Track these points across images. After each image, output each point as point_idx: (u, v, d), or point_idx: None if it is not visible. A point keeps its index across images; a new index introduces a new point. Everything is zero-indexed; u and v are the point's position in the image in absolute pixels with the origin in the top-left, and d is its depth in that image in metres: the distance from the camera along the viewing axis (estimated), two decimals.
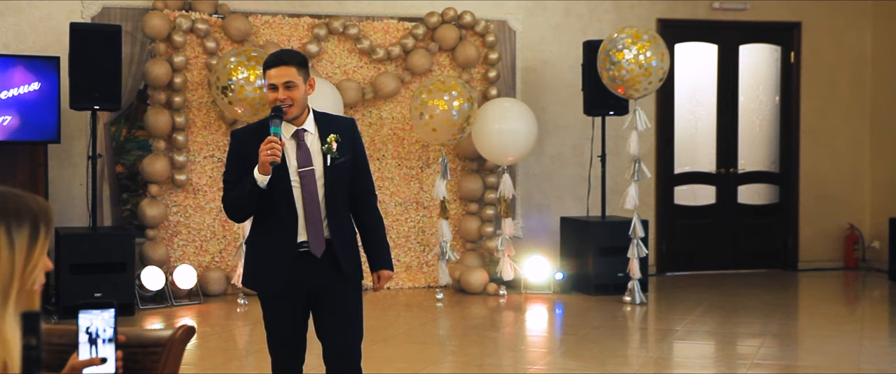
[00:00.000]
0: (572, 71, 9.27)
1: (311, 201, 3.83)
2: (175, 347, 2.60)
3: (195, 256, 8.60)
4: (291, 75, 3.80)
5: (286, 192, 3.82)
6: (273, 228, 3.85)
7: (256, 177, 3.75)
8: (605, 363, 6.31)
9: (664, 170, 10.06)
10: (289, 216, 3.83)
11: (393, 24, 9.02)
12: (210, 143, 8.64)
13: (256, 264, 3.97)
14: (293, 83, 3.80)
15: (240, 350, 7.03)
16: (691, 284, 9.48)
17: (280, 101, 3.79)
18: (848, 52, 10.37)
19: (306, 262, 3.86)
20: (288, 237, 3.83)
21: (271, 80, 3.81)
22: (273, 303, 3.97)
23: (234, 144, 3.95)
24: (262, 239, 3.91)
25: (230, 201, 3.89)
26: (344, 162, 3.89)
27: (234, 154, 3.92)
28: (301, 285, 3.88)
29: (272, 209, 3.83)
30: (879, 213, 10.13)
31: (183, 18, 8.45)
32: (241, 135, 3.96)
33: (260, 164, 3.72)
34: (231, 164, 3.92)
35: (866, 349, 6.68)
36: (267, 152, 3.68)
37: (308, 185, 3.83)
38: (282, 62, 3.82)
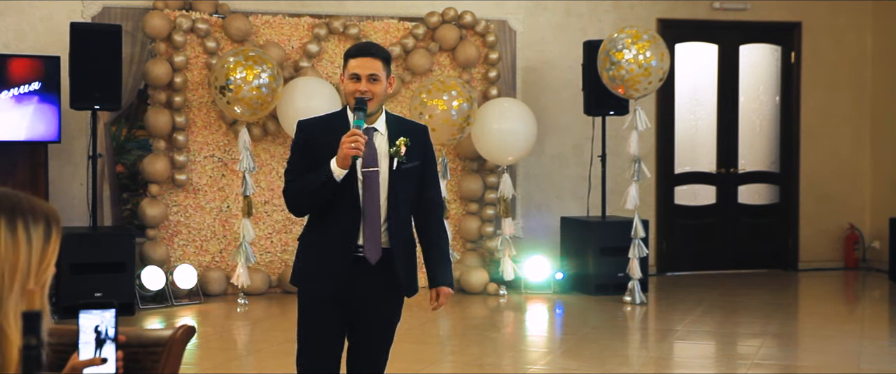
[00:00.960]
0: (572, 71, 9.27)
1: (372, 204, 3.64)
2: (175, 347, 2.60)
3: (195, 255, 8.60)
4: (376, 68, 3.63)
5: (352, 190, 3.64)
6: (333, 227, 3.67)
7: (333, 169, 3.56)
8: (606, 363, 6.31)
9: (664, 170, 10.05)
10: (350, 217, 3.64)
11: (393, 24, 9.02)
12: (210, 142, 8.64)
13: (310, 264, 3.76)
14: (377, 77, 3.63)
15: (240, 350, 7.03)
16: (691, 284, 9.48)
17: (361, 92, 3.61)
18: (848, 52, 10.37)
19: (361, 268, 3.66)
20: (346, 239, 3.65)
21: (355, 69, 3.62)
22: (319, 307, 3.74)
23: (302, 133, 3.74)
24: (320, 238, 3.71)
25: (295, 192, 3.70)
26: (411, 168, 3.70)
27: (301, 144, 3.71)
28: (352, 291, 3.69)
29: (335, 207, 3.65)
30: (879, 213, 10.13)
31: (183, 18, 8.45)
32: (310, 125, 3.78)
33: (341, 156, 3.52)
34: (297, 154, 3.71)
35: (866, 349, 6.68)
36: (350, 144, 3.49)
37: (370, 186, 3.64)
38: (369, 53, 3.66)
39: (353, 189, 3.63)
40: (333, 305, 3.70)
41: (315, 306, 3.75)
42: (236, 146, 8.51)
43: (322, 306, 3.72)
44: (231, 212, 8.66)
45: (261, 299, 8.49)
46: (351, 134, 3.51)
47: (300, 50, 8.79)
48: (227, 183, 8.67)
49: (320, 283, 3.71)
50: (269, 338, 7.18)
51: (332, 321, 3.73)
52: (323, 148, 3.60)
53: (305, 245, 3.79)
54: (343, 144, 3.51)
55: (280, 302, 8.43)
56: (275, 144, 8.77)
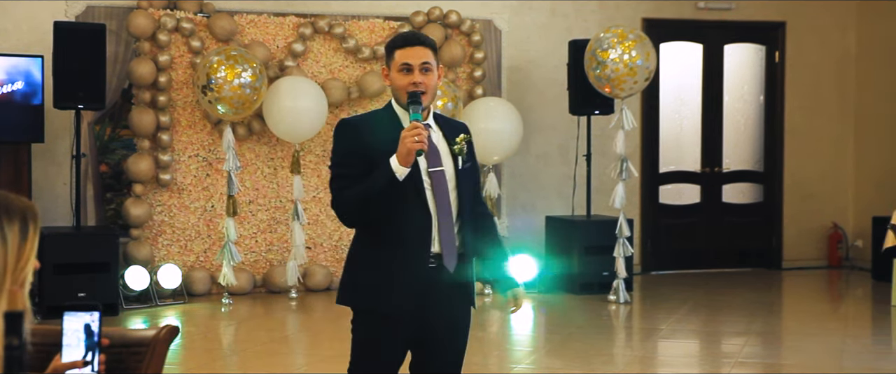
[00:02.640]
0: (558, 70, 9.28)
1: (444, 207, 3.33)
2: (159, 347, 2.59)
3: (180, 255, 8.57)
4: (428, 57, 3.36)
5: (419, 194, 3.31)
6: (399, 236, 3.31)
7: (395, 168, 3.23)
8: (590, 362, 6.32)
9: (649, 169, 10.08)
10: (420, 223, 3.31)
11: (378, 24, 9.01)
12: (195, 142, 8.62)
13: (374, 279, 3.35)
14: (430, 67, 3.36)
15: (224, 350, 7.02)
16: (676, 283, 9.51)
17: (415, 85, 3.32)
18: (832, 52, 10.41)
19: (435, 278, 3.34)
20: (418, 248, 3.31)
21: (406, 60, 3.33)
22: (386, 327, 3.35)
23: (348, 134, 3.38)
24: (385, 250, 3.33)
25: (354, 199, 3.30)
26: (471, 167, 3.47)
27: (348, 146, 3.36)
28: (427, 305, 3.35)
29: (397, 214, 3.31)
30: (863, 212, 10.18)
31: (168, 17, 8.42)
32: (356, 124, 3.43)
33: (403, 152, 3.20)
34: (345, 157, 3.35)
35: (849, 348, 6.72)
36: (414, 138, 3.18)
37: (440, 187, 3.34)
38: (419, 42, 3.37)
39: (420, 192, 3.31)
40: (402, 323, 3.35)
41: (381, 325, 3.36)
42: (221, 146, 8.49)
43: (390, 325, 3.35)
44: (215, 211, 8.64)
45: (245, 298, 8.48)
46: (413, 127, 3.21)
47: (285, 49, 8.78)
48: (211, 183, 8.65)
49: (390, 299, 3.32)
50: (253, 338, 7.17)
51: (398, 341, 3.38)
52: (373, 149, 3.29)
53: (364, 259, 3.40)
54: (405, 138, 3.20)
55: (264, 302, 8.42)
56: (260, 144, 8.75)
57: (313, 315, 8.05)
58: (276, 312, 8.12)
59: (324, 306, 8.34)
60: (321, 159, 8.89)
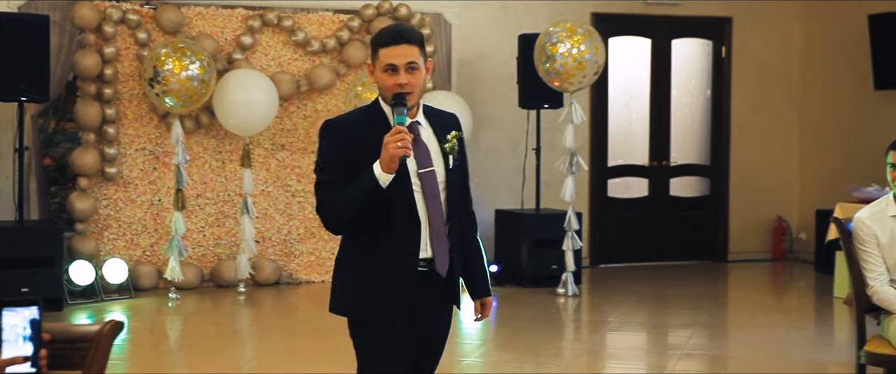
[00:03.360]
0: (508, 64, 9.30)
1: (434, 210, 3.21)
2: (103, 342, 2.56)
3: (126, 250, 8.48)
4: (414, 55, 3.18)
5: (407, 197, 3.18)
6: (388, 241, 3.19)
7: (378, 174, 3.08)
8: (539, 355, 6.36)
9: (598, 163, 10.14)
10: (410, 227, 3.19)
11: (328, 17, 8.97)
12: (142, 135, 8.52)
13: (365, 287, 3.24)
14: (416, 65, 3.18)
15: (171, 345, 6.96)
16: (624, 275, 9.59)
17: (400, 86, 3.16)
18: (777, 47, 10.55)
19: (426, 283, 3.24)
20: (408, 253, 3.19)
21: (391, 60, 3.16)
22: (384, 332, 3.23)
23: (333, 136, 3.22)
24: (374, 256, 3.22)
25: (338, 205, 3.16)
26: (461, 164, 3.33)
27: (333, 149, 3.21)
28: (419, 311, 3.27)
29: (385, 218, 3.18)
30: (806, 205, 10.33)
31: (113, 9, 8.31)
32: (342, 124, 3.26)
33: (386, 158, 3.06)
34: (330, 160, 3.20)
35: (792, 339, 6.83)
36: (397, 144, 3.03)
37: (430, 189, 3.21)
38: (404, 39, 3.18)
39: (409, 195, 3.18)
40: (401, 328, 3.24)
41: (382, 334, 3.24)
42: (168, 139, 8.41)
43: (390, 332, 3.24)
44: (162, 205, 8.56)
45: (193, 293, 8.41)
46: (395, 132, 3.05)
47: (234, 42, 8.70)
48: (158, 176, 8.56)
49: (384, 306, 3.22)
50: (201, 333, 7.11)
51: (403, 347, 3.26)
52: (360, 151, 3.15)
53: (352, 267, 3.28)
54: (387, 144, 3.05)
55: (212, 296, 8.36)
56: (208, 137, 8.68)
57: (262, 310, 8.01)
58: (225, 306, 8.06)
59: (272, 300, 8.30)
60: (270, 153, 8.84)
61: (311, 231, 8.94)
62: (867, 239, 4.58)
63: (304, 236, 8.94)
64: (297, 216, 8.92)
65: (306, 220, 8.91)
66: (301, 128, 8.89)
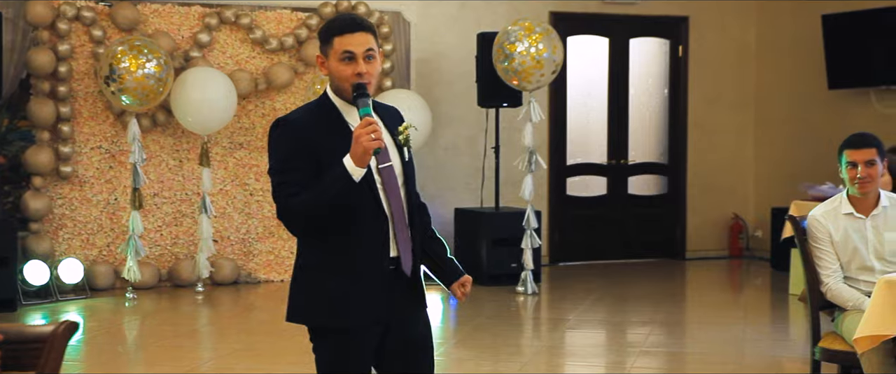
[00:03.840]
0: (467, 63, 9.31)
1: (397, 206, 3.10)
2: (57, 342, 2.54)
3: (82, 249, 8.39)
4: (371, 44, 3.07)
5: (371, 193, 3.06)
6: (353, 241, 3.06)
7: (351, 169, 2.95)
8: (498, 353, 6.37)
9: (557, 161, 10.18)
10: (375, 225, 3.07)
11: (286, 14, 8.93)
12: (97, 133, 8.44)
13: (329, 291, 3.07)
14: (373, 54, 3.08)
15: (128, 346, 6.89)
16: (583, 273, 9.64)
17: (360, 75, 3.04)
18: (733, 46, 10.66)
19: (395, 283, 3.13)
20: (376, 252, 3.08)
21: (349, 47, 3.03)
22: (353, 339, 3.09)
23: (289, 134, 3.06)
24: (338, 258, 3.06)
25: (307, 205, 3.00)
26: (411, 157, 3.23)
27: (291, 148, 3.04)
28: (388, 314, 3.13)
29: (351, 217, 3.05)
30: (762, 203, 10.45)
31: (68, 6, 8.22)
32: (297, 121, 3.09)
33: (360, 152, 2.93)
34: (289, 160, 3.04)
35: (749, 336, 6.90)
36: (370, 136, 2.91)
37: (391, 185, 3.10)
38: (361, 27, 3.07)
39: (373, 191, 3.06)
40: (362, 335, 3.10)
41: (339, 341, 3.10)
42: (124, 137, 8.33)
43: (348, 338, 3.09)
44: (119, 204, 8.47)
45: (150, 293, 8.34)
46: (366, 123, 2.94)
47: (191, 40, 8.64)
48: (114, 175, 8.48)
49: (354, 310, 3.07)
50: (158, 333, 7.05)
51: (360, 355, 3.12)
52: (318, 149, 3.03)
53: (316, 270, 3.10)
54: (360, 137, 2.92)
55: (170, 296, 8.29)
56: (165, 136, 8.61)
57: (220, 309, 7.96)
58: (182, 306, 8.00)
59: (231, 299, 8.25)
60: (228, 151, 8.78)
61: (269, 230, 8.89)
62: (821, 237, 4.63)
63: (262, 236, 8.89)
64: (255, 215, 8.87)
65: (265, 219, 8.87)
66: (259, 126, 8.85)
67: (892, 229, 4.61)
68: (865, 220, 4.62)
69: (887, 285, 4.03)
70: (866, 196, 4.61)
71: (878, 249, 4.61)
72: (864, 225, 4.62)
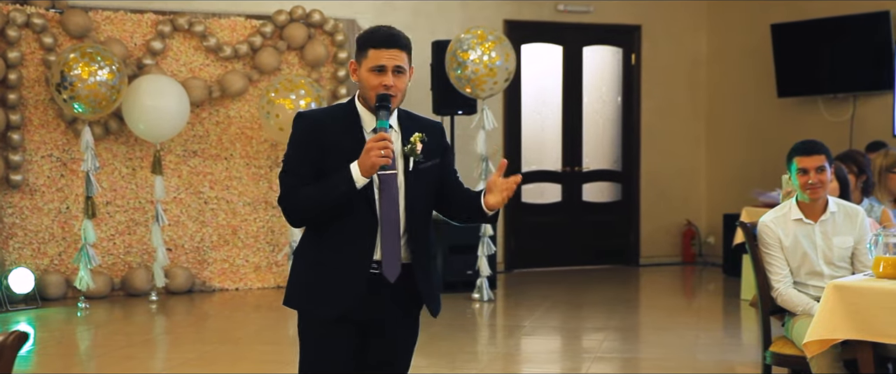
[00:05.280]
0: (421, 70, 9.31)
1: (390, 212, 3.19)
2: (6, 353, 2.50)
3: (33, 258, 8.28)
4: (404, 61, 3.20)
5: (367, 196, 3.16)
6: (343, 240, 3.19)
7: (356, 177, 3.08)
8: (454, 360, 6.38)
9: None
10: (365, 227, 3.17)
11: (240, 22, 8.88)
12: (48, 141, 8.34)
13: (315, 283, 3.23)
14: (403, 70, 3.20)
15: (81, 356, 6.81)
16: (538, 280, 9.68)
17: (387, 87, 3.14)
18: (685, 55, 10.77)
19: (377, 286, 3.21)
20: (360, 254, 3.18)
21: (381, 61, 3.16)
22: (326, 331, 3.23)
23: (308, 128, 3.20)
24: (328, 254, 3.21)
25: (305, 200, 3.15)
26: (430, 167, 3.26)
27: (307, 141, 3.19)
28: (366, 313, 3.24)
29: (342, 217, 3.17)
30: (715, 209, 10.57)
31: (17, 12, 8.12)
32: (316, 118, 3.24)
33: (368, 164, 3.05)
34: (300, 154, 3.18)
35: (701, 341, 6.96)
36: (380, 152, 3.03)
37: (388, 191, 3.18)
38: (396, 44, 3.20)
39: (368, 195, 3.16)
40: (343, 327, 3.23)
41: (322, 330, 3.24)
42: (76, 146, 8.24)
43: (330, 329, 3.23)
44: (71, 213, 8.38)
45: (103, 302, 8.25)
46: (380, 138, 3.05)
47: (143, 47, 8.57)
48: (66, 183, 8.38)
49: (328, 304, 3.20)
50: (111, 342, 6.97)
51: (341, 345, 3.24)
52: (331, 148, 3.16)
53: (308, 262, 3.28)
54: (370, 150, 3.05)
55: (123, 305, 8.21)
56: (117, 144, 8.53)
57: (174, 318, 7.89)
58: (136, 315, 7.92)
59: (184, 308, 8.18)
60: (181, 159, 8.72)
61: (224, 239, 8.83)
62: (771, 243, 4.70)
63: (217, 244, 8.83)
64: (210, 224, 8.81)
65: (219, 227, 8.81)
66: (213, 134, 8.79)
67: (840, 235, 4.69)
68: (814, 225, 4.69)
69: (836, 289, 4.10)
70: (816, 202, 4.68)
71: (827, 254, 4.68)
72: (813, 231, 4.69)
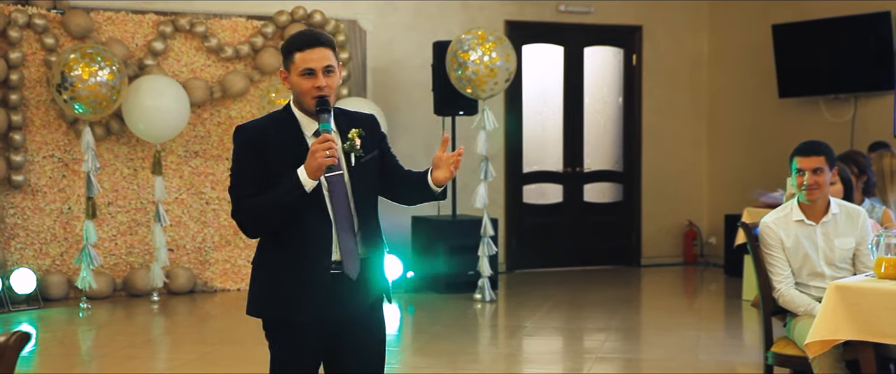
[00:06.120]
0: (423, 71, 9.33)
1: (342, 212, 3.25)
2: (8, 354, 2.50)
3: (35, 259, 8.28)
4: (330, 59, 3.24)
5: (318, 199, 3.21)
6: (299, 244, 3.23)
7: (304, 180, 3.14)
8: (456, 361, 6.38)
9: (513, 169, 10.23)
10: (319, 229, 3.22)
11: (241, 23, 8.89)
12: (50, 142, 8.34)
13: (276, 289, 3.27)
14: (332, 68, 3.24)
15: (82, 356, 6.81)
16: (540, 281, 9.68)
17: (319, 89, 3.20)
18: (686, 55, 10.77)
19: (339, 286, 3.26)
20: (319, 255, 3.22)
21: (308, 64, 3.20)
22: (294, 333, 3.27)
23: (248, 141, 3.25)
24: (285, 259, 3.24)
25: (258, 211, 3.21)
26: (370, 160, 3.34)
27: (248, 154, 3.24)
28: (330, 314, 3.26)
29: (296, 222, 3.22)
30: (716, 210, 10.56)
31: (18, 13, 8.12)
32: (255, 130, 3.29)
33: (314, 166, 3.11)
34: (246, 166, 3.24)
35: (703, 341, 6.96)
36: (325, 153, 3.09)
37: (338, 192, 3.25)
38: (320, 43, 3.23)
39: (319, 198, 3.22)
40: (309, 331, 3.27)
41: (288, 335, 3.28)
42: (77, 146, 8.25)
43: (295, 333, 3.27)
44: (73, 214, 8.38)
45: (105, 302, 8.25)
46: (323, 140, 3.12)
47: (145, 47, 8.57)
48: (67, 184, 8.39)
49: (291, 308, 3.24)
50: (113, 343, 6.98)
51: (307, 350, 3.29)
52: (274, 156, 3.20)
53: (266, 269, 3.31)
54: (316, 152, 3.11)
55: (125, 306, 8.21)
56: (119, 144, 8.53)
57: (175, 319, 7.89)
58: (138, 316, 7.93)
59: (186, 309, 8.18)
60: (183, 160, 8.72)
61: (225, 239, 8.84)
62: (773, 243, 4.70)
63: (218, 244, 8.84)
64: (211, 224, 8.81)
65: (221, 227, 8.82)
66: (215, 135, 8.80)
67: (842, 236, 4.69)
68: (816, 227, 4.69)
69: (837, 290, 4.10)
70: (815, 203, 4.68)
71: (829, 255, 4.68)
72: (814, 232, 4.69)
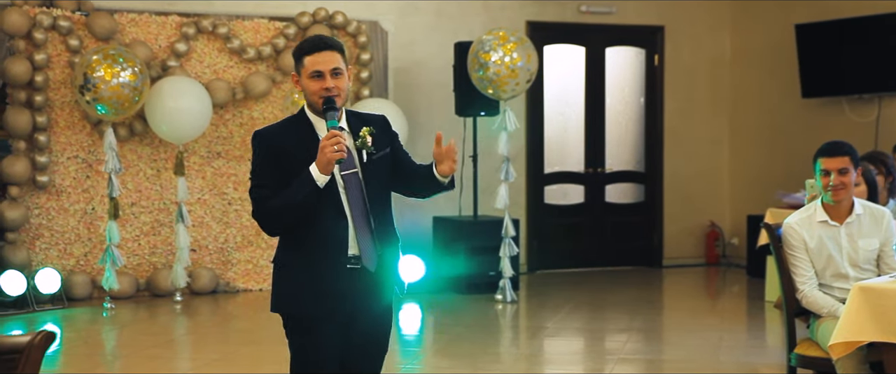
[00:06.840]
0: (444, 72, 9.33)
1: (357, 208, 3.39)
2: (33, 353, 2.53)
3: (59, 259, 8.34)
4: (338, 62, 3.40)
5: (334, 197, 3.36)
6: (318, 241, 3.37)
7: (316, 176, 3.29)
8: (477, 362, 6.38)
9: (534, 170, 10.22)
10: (336, 226, 3.37)
11: (263, 24, 8.92)
12: (74, 143, 8.40)
13: (296, 286, 3.40)
14: (340, 71, 3.40)
15: (106, 356, 6.86)
16: (561, 281, 9.67)
17: (327, 90, 3.36)
18: (708, 55, 10.73)
19: (355, 281, 3.39)
20: (337, 251, 3.36)
21: (316, 67, 3.37)
22: (317, 328, 3.39)
23: (265, 144, 3.42)
24: (305, 256, 3.39)
25: (277, 210, 3.35)
26: (382, 157, 3.49)
27: (266, 157, 3.40)
28: (349, 308, 3.40)
29: (314, 219, 3.36)
30: (738, 210, 10.51)
31: (44, 15, 8.19)
32: (272, 134, 3.45)
33: (324, 161, 3.27)
34: (264, 168, 3.39)
35: (725, 343, 6.94)
36: (334, 148, 3.24)
37: (353, 190, 3.40)
38: (327, 46, 3.40)
39: (335, 196, 3.37)
40: (330, 326, 3.40)
41: (311, 330, 3.40)
42: (101, 147, 8.30)
43: (319, 328, 3.39)
44: (96, 214, 8.44)
45: (128, 302, 8.30)
46: (332, 136, 3.26)
47: (168, 49, 8.62)
48: (91, 184, 8.44)
49: (310, 304, 3.38)
50: (136, 342, 7.02)
51: (331, 344, 3.41)
52: (290, 158, 3.36)
53: (287, 267, 3.45)
54: (325, 148, 3.26)
55: (148, 306, 8.26)
56: (142, 145, 8.59)
57: (198, 319, 7.93)
58: (161, 316, 7.97)
59: (209, 309, 8.22)
60: (205, 161, 8.77)
61: (248, 239, 8.87)
62: (796, 244, 4.67)
63: (241, 245, 8.87)
64: (233, 224, 8.85)
65: (243, 228, 8.85)
66: (237, 136, 8.84)
67: (866, 237, 4.66)
68: (840, 227, 4.66)
69: (861, 291, 4.07)
70: (840, 204, 4.66)
71: (853, 256, 4.65)
72: (838, 233, 4.66)
